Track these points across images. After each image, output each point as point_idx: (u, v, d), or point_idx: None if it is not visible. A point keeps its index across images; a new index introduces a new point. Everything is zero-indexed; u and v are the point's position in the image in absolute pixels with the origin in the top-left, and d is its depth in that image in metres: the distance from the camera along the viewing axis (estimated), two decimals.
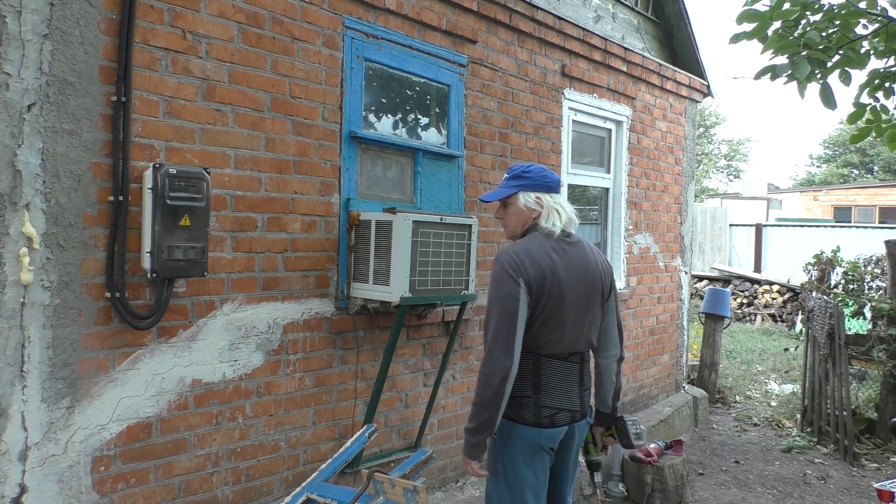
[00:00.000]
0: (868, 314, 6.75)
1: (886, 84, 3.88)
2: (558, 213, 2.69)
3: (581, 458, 3.01)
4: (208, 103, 2.94)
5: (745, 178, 36.32)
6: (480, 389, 2.49)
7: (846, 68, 3.68)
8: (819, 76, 3.61)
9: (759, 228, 16.72)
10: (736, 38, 3.70)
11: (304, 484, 3.00)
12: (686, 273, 6.76)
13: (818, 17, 3.60)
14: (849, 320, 6.72)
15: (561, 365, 2.64)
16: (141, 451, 2.78)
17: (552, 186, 2.73)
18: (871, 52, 3.73)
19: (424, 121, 4.06)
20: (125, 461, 2.73)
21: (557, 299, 2.56)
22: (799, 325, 10.17)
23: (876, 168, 37.04)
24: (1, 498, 2.40)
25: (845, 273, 7.06)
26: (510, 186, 2.72)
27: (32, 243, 2.44)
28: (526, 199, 2.69)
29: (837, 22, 3.55)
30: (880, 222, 21.03)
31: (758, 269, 15.87)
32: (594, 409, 3.00)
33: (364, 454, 3.48)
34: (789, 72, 3.48)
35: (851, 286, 6.96)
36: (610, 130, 5.64)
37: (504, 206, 2.77)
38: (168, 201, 2.67)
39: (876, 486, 3.30)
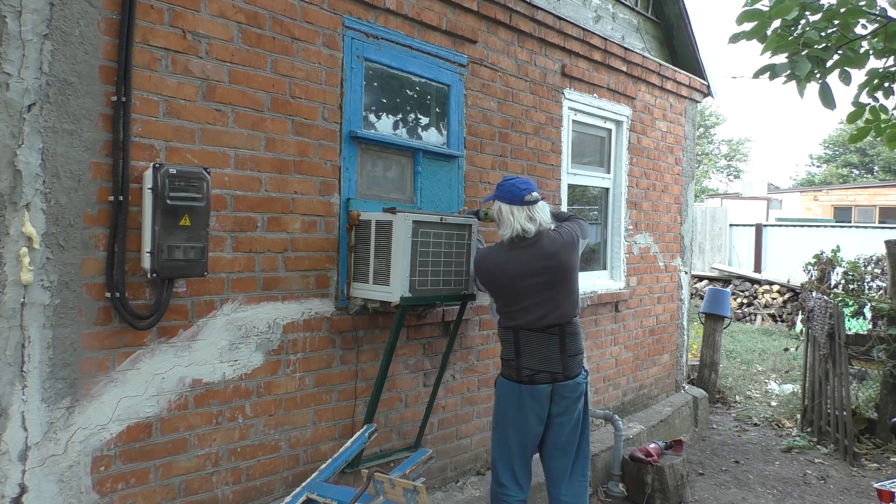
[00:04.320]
0: (868, 314, 6.75)
1: (886, 84, 3.88)
2: (510, 223, 3.28)
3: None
4: (208, 103, 2.94)
5: (745, 178, 36.34)
6: None
7: (845, 68, 3.68)
8: (818, 75, 3.61)
9: (759, 228, 16.72)
10: (735, 38, 3.70)
11: (304, 484, 3.00)
12: (686, 273, 6.76)
13: (817, 16, 3.60)
14: (849, 320, 6.72)
15: (538, 336, 3.31)
16: (141, 451, 2.78)
17: (513, 199, 3.30)
18: (871, 51, 3.73)
19: (424, 121, 4.06)
20: (125, 461, 2.73)
21: (510, 289, 3.29)
22: (799, 325, 10.17)
23: (876, 168, 37.04)
24: (1, 498, 2.40)
25: (845, 273, 7.06)
26: (492, 195, 3.42)
27: (32, 243, 2.44)
28: (495, 207, 3.38)
29: (837, 22, 3.55)
30: (880, 222, 21.04)
31: (758, 269, 15.87)
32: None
33: (364, 454, 3.48)
34: (788, 71, 3.49)
35: (851, 286, 6.96)
36: (610, 130, 5.64)
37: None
38: (168, 201, 2.67)
39: (876, 486, 3.30)
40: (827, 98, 3.67)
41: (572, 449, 3.43)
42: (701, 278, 14.50)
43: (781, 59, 3.59)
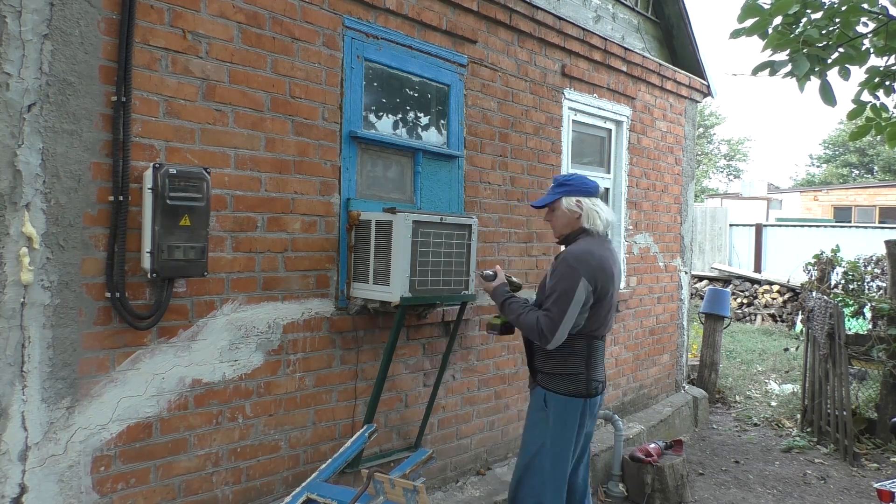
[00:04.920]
0: (868, 314, 6.75)
1: (886, 82, 3.88)
2: (597, 213, 3.18)
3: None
4: (208, 103, 2.94)
5: (745, 178, 36.34)
6: (524, 323, 3.11)
7: (846, 65, 3.68)
8: (819, 72, 3.61)
9: (759, 228, 16.72)
10: (737, 34, 3.70)
11: (304, 484, 3.00)
12: (686, 273, 6.76)
13: (819, 14, 3.60)
14: (849, 320, 6.72)
15: (601, 344, 3.22)
16: (141, 451, 2.78)
17: (590, 191, 3.22)
18: (871, 49, 3.73)
19: (424, 121, 4.06)
20: (125, 461, 2.73)
21: (606, 290, 3.11)
22: (799, 325, 10.17)
23: (876, 168, 37.05)
24: (1, 498, 2.40)
25: (845, 273, 7.06)
26: (555, 193, 3.24)
27: (32, 243, 2.44)
28: (568, 202, 3.19)
29: (838, 20, 3.55)
30: (880, 222, 21.04)
31: (758, 269, 15.87)
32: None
33: (364, 454, 3.47)
34: (788, 67, 3.48)
35: (851, 286, 6.96)
36: (610, 130, 5.64)
37: (551, 211, 3.29)
38: (168, 201, 2.67)
39: (876, 486, 3.30)
40: (827, 95, 3.66)
41: (589, 459, 3.40)
42: (701, 278, 14.50)
43: (782, 56, 3.59)
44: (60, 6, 2.48)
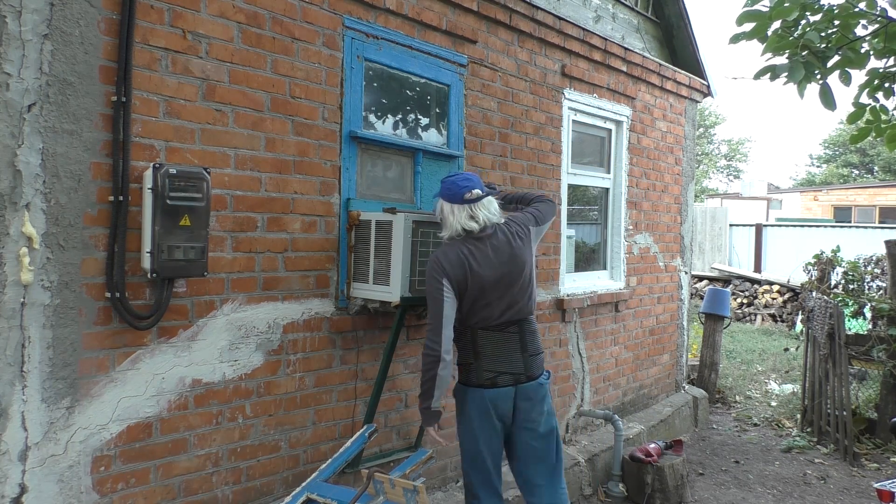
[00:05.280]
0: (868, 314, 6.75)
1: (886, 84, 3.87)
2: (450, 222, 3.10)
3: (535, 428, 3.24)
4: (208, 103, 2.94)
5: (745, 178, 36.34)
6: (421, 368, 3.08)
7: (846, 69, 3.68)
8: (818, 76, 3.61)
9: (759, 228, 16.72)
10: (736, 39, 3.70)
11: (304, 484, 3.00)
12: (686, 273, 6.76)
13: (818, 17, 3.60)
14: (849, 320, 6.72)
15: (497, 335, 3.13)
16: (141, 451, 2.78)
17: (453, 197, 3.10)
18: (871, 52, 3.73)
19: (424, 121, 4.06)
20: (125, 461, 2.73)
21: (478, 285, 3.05)
22: (799, 325, 10.17)
23: (876, 168, 37.05)
24: (1, 498, 2.40)
25: (845, 273, 7.06)
26: (436, 193, 3.23)
27: (32, 243, 2.44)
28: (437, 207, 3.17)
29: (837, 22, 3.55)
30: (880, 222, 21.03)
31: (758, 269, 15.87)
32: None
33: (364, 454, 3.47)
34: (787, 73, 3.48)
35: (851, 286, 6.96)
36: (610, 130, 5.64)
37: None
38: (168, 201, 2.67)
39: (876, 486, 3.30)
40: (827, 99, 3.66)
41: (551, 456, 3.22)
42: (701, 278, 14.50)
43: (782, 59, 3.59)
44: (60, 6, 2.49)
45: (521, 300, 3.16)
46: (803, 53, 3.43)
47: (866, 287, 7.03)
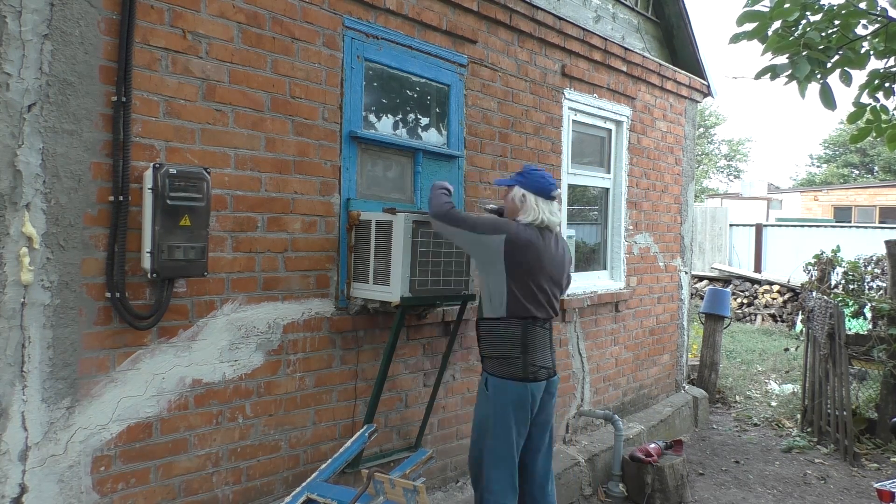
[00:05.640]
0: (868, 314, 6.75)
1: (886, 84, 3.87)
2: (536, 211, 3.28)
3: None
4: (208, 103, 2.94)
5: (745, 178, 36.33)
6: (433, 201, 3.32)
7: (846, 68, 3.68)
8: (819, 76, 3.61)
9: (759, 228, 16.72)
10: (736, 38, 3.70)
11: (304, 484, 3.00)
12: (686, 273, 6.76)
13: (818, 17, 3.60)
14: (849, 320, 6.72)
15: (541, 330, 3.29)
16: (141, 451, 2.78)
17: (541, 191, 3.31)
18: (871, 52, 3.73)
19: (424, 121, 4.06)
20: (125, 461, 2.73)
21: (537, 274, 3.22)
22: (799, 325, 10.17)
23: (876, 168, 37.04)
24: (1, 498, 2.40)
25: (845, 273, 7.06)
26: (513, 179, 3.41)
27: (32, 243, 2.44)
28: (517, 192, 3.33)
29: (837, 22, 3.55)
30: (880, 222, 21.04)
31: (758, 269, 15.87)
32: None
33: (364, 454, 3.47)
34: (789, 72, 3.48)
35: (851, 286, 6.96)
36: (610, 130, 5.64)
37: (505, 193, 3.47)
38: (168, 201, 2.67)
39: (876, 486, 3.30)
40: (828, 99, 3.66)
41: (551, 450, 3.47)
42: (701, 278, 14.50)
43: (782, 59, 3.58)
44: (60, 6, 2.48)
45: (558, 298, 3.45)
46: (804, 53, 3.43)
47: (866, 287, 7.03)
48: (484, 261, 3.24)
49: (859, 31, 3.67)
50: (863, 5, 3.57)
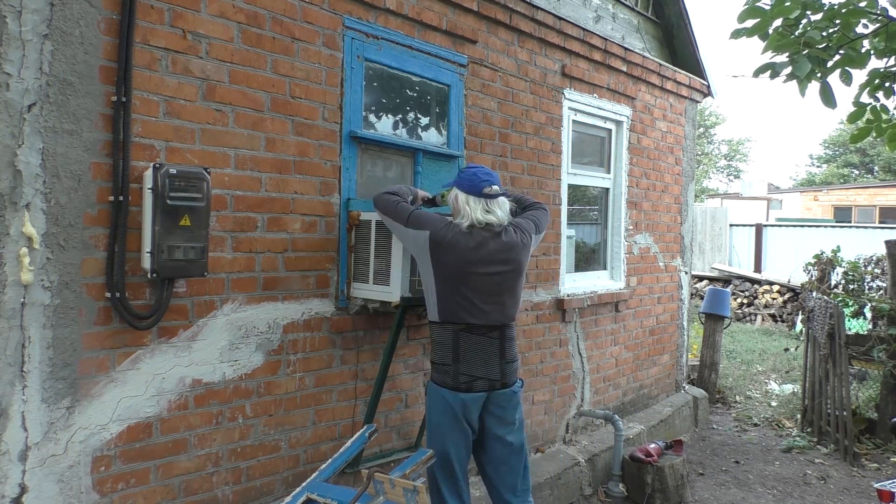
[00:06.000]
0: (868, 314, 6.75)
1: (887, 84, 3.87)
2: (466, 212, 3.07)
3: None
4: (208, 103, 2.94)
5: (745, 178, 36.33)
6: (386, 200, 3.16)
7: (847, 68, 3.68)
8: (819, 75, 3.61)
9: (759, 228, 16.72)
10: (737, 34, 3.70)
11: (304, 484, 3.00)
12: (686, 273, 6.76)
13: (819, 16, 3.60)
14: (849, 320, 6.72)
15: (478, 339, 3.07)
16: (141, 451, 2.78)
17: (472, 189, 3.09)
18: (872, 51, 3.73)
19: (424, 121, 4.06)
20: (125, 461, 2.73)
21: (462, 277, 3.01)
22: (799, 326, 10.17)
23: (876, 168, 37.05)
24: (1, 498, 2.40)
25: (845, 273, 7.06)
26: (452, 180, 3.23)
27: (32, 243, 2.44)
28: (453, 194, 3.16)
29: (838, 21, 3.55)
30: (880, 222, 21.04)
31: (758, 269, 15.87)
32: None
33: (364, 454, 3.47)
34: (789, 70, 3.48)
35: (851, 286, 6.96)
36: (610, 130, 5.64)
37: None
38: (168, 201, 2.67)
39: (876, 486, 3.30)
40: (828, 97, 3.66)
41: (520, 465, 3.23)
42: (701, 278, 14.50)
43: (782, 58, 3.59)
44: (60, 6, 2.48)
45: (508, 303, 3.14)
46: (804, 52, 3.44)
47: (866, 287, 7.03)
48: (415, 257, 3.12)
49: (860, 30, 3.68)
50: (863, 4, 3.57)
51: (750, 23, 3.60)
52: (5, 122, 2.38)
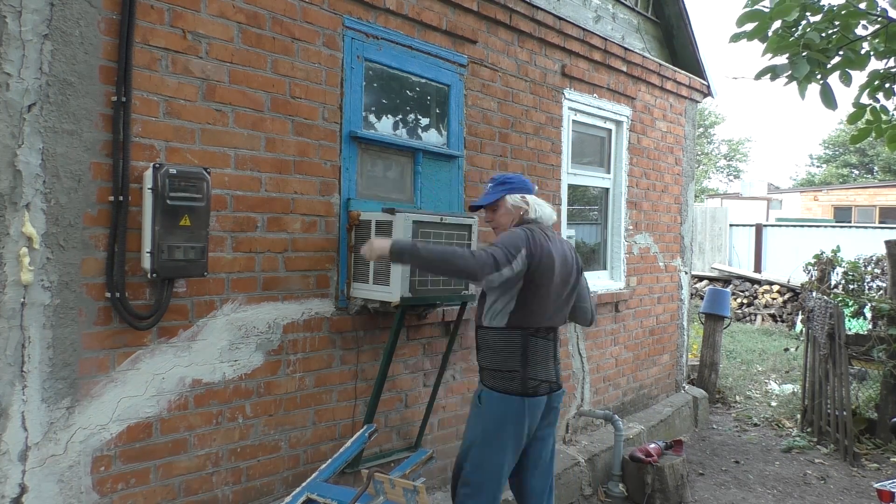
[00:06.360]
0: (868, 314, 6.75)
1: (886, 85, 3.88)
2: (541, 207, 3.16)
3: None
4: (208, 103, 2.94)
5: (745, 178, 36.33)
6: (456, 255, 2.84)
7: (846, 69, 3.68)
8: (819, 77, 3.61)
9: (759, 228, 16.72)
10: (736, 38, 3.71)
11: (304, 484, 3.00)
12: (686, 273, 6.76)
13: (818, 17, 3.60)
14: (849, 320, 6.72)
15: (542, 342, 3.06)
16: (141, 451, 2.78)
17: (530, 189, 3.21)
18: (871, 52, 3.73)
19: (424, 121, 4.06)
20: (125, 461, 2.73)
21: (545, 275, 2.99)
22: (799, 326, 10.17)
23: (876, 168, 37.04)
24: (1, 498, 2.40)
25: (845, 273, 7.06)
26: (497, 192, 3.19)
27: (32, 243, 2.44)
28: (513, 199, 3.15)
29: (837, 23, 3.55)
30: (880, 222, 21.04)
31: (758, 269, 15.87)
32: None
33: (364, 454, 3.47)
34: (789, 72, 3.49)
35: (851, 286, 6.96)
36: (610, 130, 5.64)
37: (493, 210, 3.22)
38: (168, 201, 2.67)
39: (876, 486, 3.30)
40: (828, 98, 3.67)
41: (552, 468, 3.24)
42: (701, 278, 14.50)
43: (782, 60, 3.59)
44: (60, 6, 2.48)
45: (567, 305, 3.18)
46: (804, 54, 3.44)
47: (866, 287, 7.03)
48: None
49: (859, 31, 3.68)
50: (863, 6, 3.58)
51: (749, 26, 3.61)
52: (5, 122, 2.38)
